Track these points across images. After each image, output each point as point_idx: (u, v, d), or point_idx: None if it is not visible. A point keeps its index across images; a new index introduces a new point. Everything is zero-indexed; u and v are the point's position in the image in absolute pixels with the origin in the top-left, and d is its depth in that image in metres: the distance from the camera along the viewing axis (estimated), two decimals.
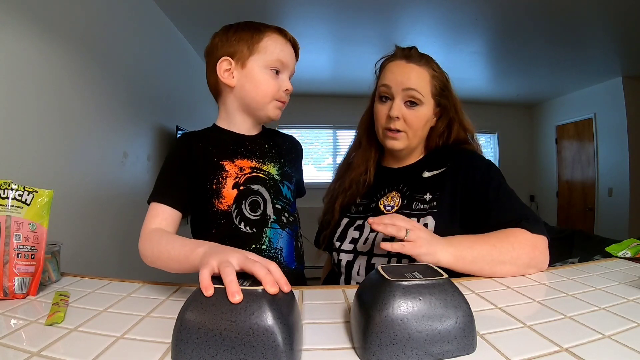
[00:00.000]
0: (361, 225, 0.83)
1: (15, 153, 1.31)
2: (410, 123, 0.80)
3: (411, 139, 0.82)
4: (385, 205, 0.83)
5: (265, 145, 0.79)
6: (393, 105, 0.80)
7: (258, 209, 0.73)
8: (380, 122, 0.84)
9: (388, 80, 0.81)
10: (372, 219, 0.64)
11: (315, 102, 4.83)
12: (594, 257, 1.59)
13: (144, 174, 2.37)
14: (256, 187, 0.73)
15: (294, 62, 0.78)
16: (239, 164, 0.73)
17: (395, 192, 0.84)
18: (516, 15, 2.60)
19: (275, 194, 0.75)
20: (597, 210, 4.27)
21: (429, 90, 0.81)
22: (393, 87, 0.80)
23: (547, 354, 0.38)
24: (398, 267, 0.44)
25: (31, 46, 1.38)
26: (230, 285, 0.37)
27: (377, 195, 0.86)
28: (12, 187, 0.59)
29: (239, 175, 0.72)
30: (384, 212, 0.82)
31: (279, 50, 0.74)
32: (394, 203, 0.82)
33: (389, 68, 0.83)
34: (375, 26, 2.86)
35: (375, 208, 0.84)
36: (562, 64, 3.59)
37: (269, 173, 0.76)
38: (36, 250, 0.59)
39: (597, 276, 0.68)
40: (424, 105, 0.80)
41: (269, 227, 0.73)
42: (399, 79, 0.79)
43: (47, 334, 0.44)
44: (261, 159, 0.76)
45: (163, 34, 2.66)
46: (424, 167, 0.85)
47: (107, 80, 1.91)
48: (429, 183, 0.81)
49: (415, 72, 0.80)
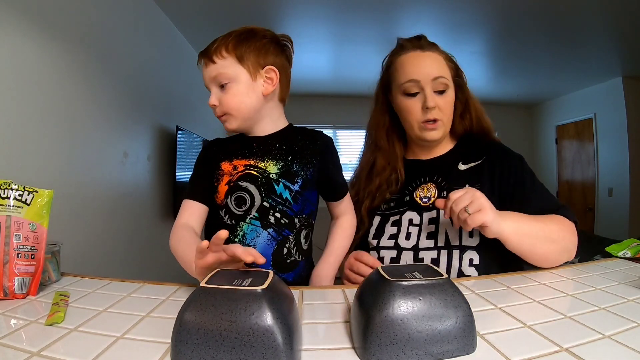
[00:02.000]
0: (398, 221, 0.83)
1: (16, 153, 1.31)
2: (444, 110, 0.82)
3: (446, 125, 0.84)
4: (421, 198, 0.83)
5: (276, 144, 0.78)
6: (427, 96, 0.80)
7: (243, 205, 0.74)
8: (415, 117, 0.83)
9: (414, 74, 0.80)
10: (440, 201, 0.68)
11: (315, 102, 4.83)
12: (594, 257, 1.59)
13: (144, 174, 2.37)
14: (244, 184, 0.75)
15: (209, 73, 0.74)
16: (236, 163, 0.77)
17: (430, 184, 0.84)
18: (516, 15, 2.60)
19: (266, 192, 0.74)
20: (597, 210, 4.27)
21: (449, 73, 0.82)
22: (422, 80, 0.80)
23: (547, 354, 0.38)
24: (398, 267, 0.44)
25: (31, 46, 1.38)
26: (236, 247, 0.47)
27: (408, 189, 0.86)
28: (12, 187, 0.59)
29: (233, 174, 0.77)
30: (420, 204, 0.82)
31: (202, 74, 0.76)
32: (431, 194, 0.83)
33: (407, 62, 0.82)
34: (375, 26, 2.86)
35: (410, 201, 0.84)
36: (562, 64, 3.59)
37: (264, 171, 0.75)
38: (36, 250, 0.59)
39: (597, 276, 0.68)
40: (450, 89, 0.82)
41: (247, 222, 0.73)
42: (426, 71, 0.80)
43: (47, 334, 0.44)
44: (261, 157, 0.76)
45: (163, 34, 2.66)
46: (458, 159, 0.86)
47: (108, 80, 1.91)
48: (466, 175, 0.83)
49: (436, 60, 0.81)
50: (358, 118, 5.86)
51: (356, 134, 5.00)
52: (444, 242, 0.77)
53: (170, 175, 2.68)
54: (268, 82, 0.76)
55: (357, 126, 4.94)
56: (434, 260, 0.77)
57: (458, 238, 0.77)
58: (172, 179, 2.67)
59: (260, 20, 2.71)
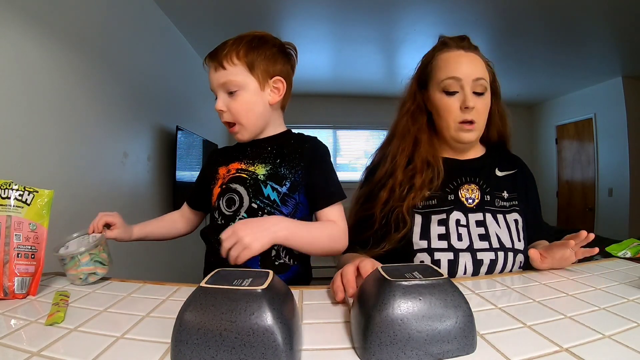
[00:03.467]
0: (445, 220, 0.80)
1: (16, 153, 1.31)
2: (481, 112, 0.81)
3: (481, 128, 0.83)
4: (467, 198, 0.83)
5: (268, 148, 0.79)
6: (466, 96, 0.79)
7: (233, 206, 0.76)
8: (452, 116, 0.81)
9: (456, 72, 0.79)
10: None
11: (315, 102, 4.82)
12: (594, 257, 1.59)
13: (144, 174, 2.37)
14: (234, 186, 0.77)
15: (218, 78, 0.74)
16: (230, 167, 0.80)
17: (474, 185, 0.84)
18: (516, 15, 2.60)
19: (254, 193, 0.75)
20: (597, 210, 4.27)
21: (489, 78, 0.82)
22: (463, 79, 0.79)
23: (547, 354, 0.38)
24: (398, 267, 0.44)
25: (32, 46, 1.38)
26: None
27: (449, 186, 0.84)
28: (12, 187, 0.59)
29: (225, 176, 0.79)
30: (466, 204, 0.82)
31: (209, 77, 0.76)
32: (475, 196, 0.83)
33: (449, 59, 0.81)
34: (375, 26, 2.86)
35: (455, 200, 0.82)
36: (562, 64, 3.59)
37: (253, 173, 0.76)
38: (36, 250, 0.59)
39: (597, 276, 0.68)
40: (487, 92, 0.82)
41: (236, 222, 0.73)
42: (468, 71, 0.79)
43: (47, 334, 0.44)
44: (251, 161, 0.78)
45: (163, 34, 2.66)
46: (493, 165, 0.88)
47: (108, 80, 1.91)
48: (503, 182, 0.86)
49: (478, 61, 0.81)
50: (358, 118, 5.86)
51: (356, 134, 5.00)
52: (497, 244, 0.78)
53: (170, 175, 2.68)
54: (275, 92, 0.77)
55: (357, 126, 4.94)
56: (493, 262, 0.76)
57: (510, 241, 0.79)
58: (172, 179, 2.67)
59: (261, 20, 2.71)
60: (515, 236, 0.80)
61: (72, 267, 0.63)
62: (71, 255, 0.63)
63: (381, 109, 3.68)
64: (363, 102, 4.78)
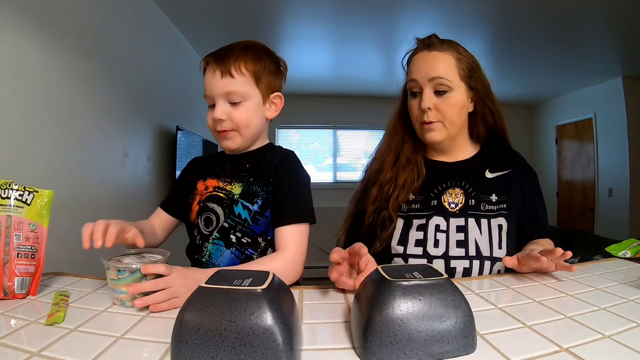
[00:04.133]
0: (424, 226, 0.79)
1: (16, 153, 1.31)
2: (443, 112, 0.79)
3: (449, 128, 0.80)
4: (449, 203, 0.81)
5: (247, 165, 0.77)
6: (423, 97, 0.79)
7: (210, 225, 0.75)
8: (415, 117, 0.83)
9: (414, 74, 0.80)
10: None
11: (315, 102, 4.82)
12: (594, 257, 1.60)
13: (144, 174, 2.37)
14: (212, 205, 0.75)
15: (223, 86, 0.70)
16: (208, 183, 0.78)
17: (458, 189, 0.82)
18: (516, 15, 2.59)
19: (227, 213, 0.73)
20: (597, 210, 4.27)
21: (457, 74, 0.79)
22: (420, 80, 0.79)
23: (547, 354, 0.38)
24: (398, 267, 0.44)
25: (32, 46, 1.38)
26: None
27: (434, 191, 0.83)
28: (12, 187, 0.59)
29: (203, 194, 0.78)
30: (448, 209, 0.80)
31: (205, 83, 0.73)
32: (458, 200, 0.81)
33: (413, 62, 0.82)
34: (375, 26, 2.86)
35: (437, 206, 0.81)
36: (562, 64, 3.59)
37: (230, 192, 0.75)
38: (36, 250, 0.59)
39: (597, 276, 0.68)
40: (454, 90, 0.79)
41: (210, 242, 0.74)
42: (424, 70, 0.79)
43: (47, 334, 0.44)
44: (229, 179, 0.76)
45: (163, 34, 2.66)
46: (484, 166, 0.85)
47: (108, 80, 1.91)
48: (493, 184, 0.83)
49: (439, 59, 0.78)
50: (358, 118, 5.86)
51: (356, 134, 4.99)
52: (474, 251, 0.76)
53: (170, 175, 2.68)
54: (272, 107, 0.77)
55: (357, 126, 4.94)
56: (466, 270, 0.76)
57: (489, 248, 0.77)
58: (172, 179, 2.67)
59: (261, 21, 2.71)
60: (496, 243, 0.77)
61: (129, 283, 0.53)
62: (132, 269, 0.53)
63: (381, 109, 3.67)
64: (363, 102, 4.77)
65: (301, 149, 5.07)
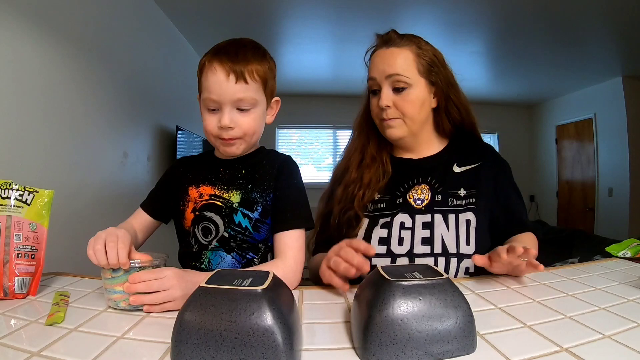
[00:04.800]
0: (388, 223, 0.78)
1: (16, 153, 1.31)
2: (402, 109, 0.78)
3: (409, 125, 0.79)
4: (415, 199, 0.79)
5: (243, 170, 0.74)
6: (381, 95, 0.78)
7: (209, 235, 0.72)
8: (375, 115, 0.82)
9: (372, 72, 0.80)
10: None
11: (315, 102, 4.82)
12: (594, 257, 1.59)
13: (144, 174, 2.37)
14: (209, 215, 0.72)
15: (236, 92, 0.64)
16: (202, 190, 0.74)
17: (424, 185, 0.80)
18: (516, 15, 2.60)
19: (228, 222, 0.71)
20: (597, 210, 4.27)
21: (415, 69, 0.77)
22: (378, 77, 0.79)
23: (547, 354, 0.38)
24: (398, 267, 0.44)
25: (32, 46, 1.38)
26: None
27: (400, 189, 0.82)
28: (12, 187, 0.59)
29: (197, 201, 0.74)
30: (414, 206, 0.79)
31: (210, 84, 0.65)
32: (424, 197, 0.79)
33: (372, 60, 0.82)
34: (375, 26, 2.84)
35: (403, 203, 0.79)
36: (562, 64, 3.59)
37: (228, 201, 0.72)
38: (36, 250, 0.59)
39: (597, 276, 0.68)
40: (413, 87, 0.77)
41: (210, 250, 0.72)
42: (381, 68, 0.78)
43: (47, 334, 0.44)
44: (226, 186, 0.73)
45: (164, 34, 2.66)
46: (452, 160, 0.83)
47: (108, 80, 1.91)
48: (462, 178, 0.80)
49: (396, 56, 0.77)
50: None
51: None
52: (440, 248, 0.74)
53: None
54: (270, 112, 0.75)
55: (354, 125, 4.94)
56: None
57: (456, 245, 0.74)
58: None
59: (261, 21, 2.71)
60: (464, 239, 0.74)
61: (124, 282, 0.52)
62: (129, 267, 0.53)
63: None
64: None
65: (301, 149, 5.07)
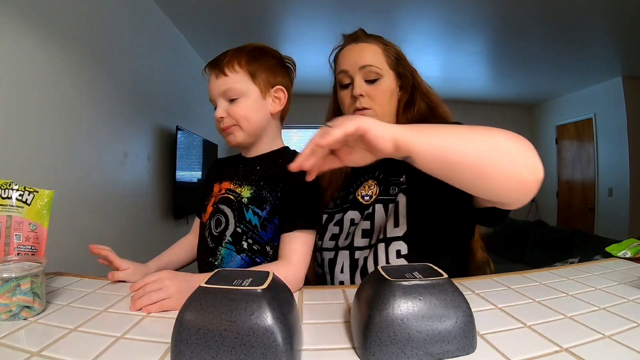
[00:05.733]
0: (340, 220, 0.80)
1: (16, 153, 1.31)
2: (374, 98, 0.79)
3: (380, 115, 0.79)
4: (363, 196, 0.80)
5: (257, 167, 0.78)
6: (355, 84, 0.79)
7: (219, 227, 0.76)
8: (346, 107, 0.82)
9: (344, 66, 0.81)
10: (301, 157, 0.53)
11: (315, 102, 4.82)
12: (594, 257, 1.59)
13: (144, 174, 2.37)
14: (222, 207, 0.77)
15: (218, 86, 0.74)
16: (222, 185, 0.80)
17: (371, 181, 0.81)
18: (516, 15, 2.60)
19: (238, 217, 0.74)
20: (597, 210, 4.27)
21: (385, 62, 0.80)
22: (350, 69, 0.80)
23: (547, 354, 0.38)
24: (398, 267, 0.44)
25: (32, 46, 1.38)
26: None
27: (353, 186, 0.83)
28: (13, 187, 0.59)
29: (217, 195, 0.79)
30: (362, 203, 0.79)
31: (208, 89, 0.76)
32: (372, 192, 0.79)
33: (342, 55, 0.83)
34: (375, 26, 2.83)
35: (353, 200, 0.81)
36: (562, 64, 3.59)
37: (239, 195, 0.76)
38: (36, 250, 0.59)
39: (597, 276, 0.68)
40: (384, 77, 0.80)
41: (223, 246, 0.74)
42: (353, 60, 0.80)
43: (47, 334, 0.44)
44: (240, 182, 0.77)
45: (163, 34, 2.66)
46: None
47: (108, 80, 1.91)
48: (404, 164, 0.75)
49: (367, 49, 0.80)
50: None
51: None
52: (376, 238, 0.73)
53: (170, 175, 2.68)
54: (276, 102, 0.78)
55: None
56: (365, 260, 0.72)
57: (383, 231, 0.72)
58: (172, 179, 2.67)
59: (261, 21, 2.71)
60: (392, 223, 0.71)
61: (4, 293, 0.47)
62: (5, 278, 0.47)
63: None
64: None
65: (301, 149, 5.07)
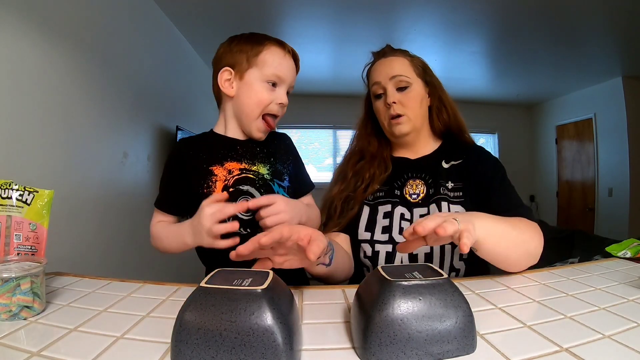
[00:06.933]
0: (390, 213, 0.84)
1: (16, 153, 1.31)
2: (406, 104, 0.86)
3: (413, 120, 0.87)
4: (411, 194, 0.86)
5: (257, 148, 0.80)
6: (387, 93, 0.87)
7: (249, 210, 0.70)
8: (382, 115, 0.90)
9: (376, 78, 0.89)
10: (408, 232, 0.55)
11: (315, 102, 4.82)
12: (594, 257, 1.59)
13: (144, 174, 2.37)
14: (245, 188, 0.75)
15: (293, 74, 0.79)
16: (228, 166, 0.76)
17: (419, 181, 0.87)
18: (516, 15, 2.60)
19: (265, 193, 0.74)
20: (597, 210, 4.27)
21: (413, 71, 0.88)
22: (382, 81, 0.87)
23: (547, 354, 0.38)
24: (398, 267, 0.44)
25: (32, 46, 1.38)
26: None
27: (397, 183, 0.89)
28: (13, 187, 0.59)
29: (228, 178, 0.75)
30: (410, 200, 0.85)
31: (277, 64, 0.76)
32: (419, 191, 0.86)
33: (373, 70, 0.92)
34: (375, 26, 2.86)
35: (400, 196, 0.86)
36: (562, 64, 3.59)
37: (258, 173, 0.77)
38: (36, 250, 0.59)
39: (597, 276, 0.68)
40: (413, 85, 0.87)
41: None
42: (384, 72, 0.88)
43: (47, 334, 0.44)
44: (251, 161, 0.77)
45: (163, 34, 2.66)
46: (441, 157, 0.90)
47: (108, 80, 1.91)
48: (448, 173, 0.86)
49: (395, 62, 0.88)
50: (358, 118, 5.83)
51: None
52: None
53: None
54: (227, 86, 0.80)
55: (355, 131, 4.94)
56: (428, 255, 0.79)
57: None
58: None
59: (261, 20, 2.71)
60: None
61: (4, 293, 0.47)
62: (5, 278, 0.47)
63: None
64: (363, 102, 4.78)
65: (301, 149, 5.03)
